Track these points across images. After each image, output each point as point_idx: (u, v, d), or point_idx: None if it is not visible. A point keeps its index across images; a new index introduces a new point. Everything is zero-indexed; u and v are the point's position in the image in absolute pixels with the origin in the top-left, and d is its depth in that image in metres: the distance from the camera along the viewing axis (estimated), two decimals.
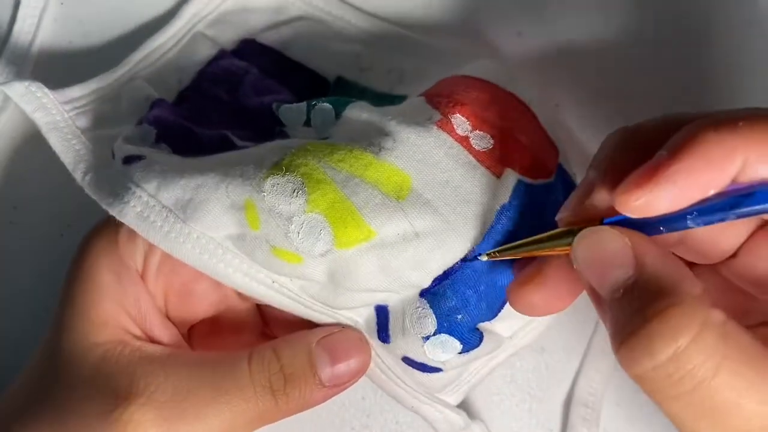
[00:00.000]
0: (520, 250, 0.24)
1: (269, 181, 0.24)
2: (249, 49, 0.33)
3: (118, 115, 0.31)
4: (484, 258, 0.24)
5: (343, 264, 0.24)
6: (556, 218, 0.23)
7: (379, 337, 0.27)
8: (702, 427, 0.18)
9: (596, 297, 0.20)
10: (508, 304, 0.26)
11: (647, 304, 0.18)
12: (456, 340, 0.26)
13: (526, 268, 0.23)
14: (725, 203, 0.19)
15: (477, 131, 0.26)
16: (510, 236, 0.25)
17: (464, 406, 0.32)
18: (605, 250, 0.20)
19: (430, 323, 0.25)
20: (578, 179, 0.30)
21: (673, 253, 0.21)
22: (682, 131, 0.19)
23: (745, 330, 0.18)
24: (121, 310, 0.25)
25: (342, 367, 0.25)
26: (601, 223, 0.21)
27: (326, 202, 0.24)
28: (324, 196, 0.24)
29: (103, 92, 0.31)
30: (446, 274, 0.25)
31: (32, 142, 0.34)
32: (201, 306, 0.27)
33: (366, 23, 0.34)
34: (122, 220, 0.25)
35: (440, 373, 0.27)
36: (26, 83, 0.29)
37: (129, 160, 0.26)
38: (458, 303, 0.25)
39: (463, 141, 0.26)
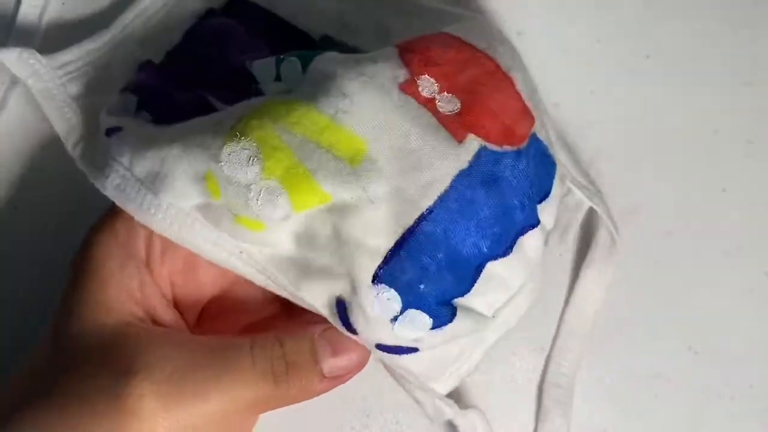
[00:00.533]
0: None
1: (225, 150, 0.24)
2: (237, 6, 0.32)
3: (110, 80, 0.31)
4: None
5: (303, 227, 0.25)
6: None
7: (347, 329, 0.26)
8: None
9: None
10: (483, 276, 0.26)
11: None
12: (425, 314, 0.25)
13: None
14: None
15: (445, 93, 0.25)
16: (468, 202, 0.25)
17: (462, 406, 0.32)
18: None
19: (395, 302, 0.25)
20: (557, 149, 0.30)
21: None
22: None
23: None
24: (126, 294, 0.26)
25: (343, 360, 0.26)
26: None
27: (281, 168, 0.24)
28: (279, 163, 0.24)
29: (94, 55, 0.31)
30: (400, 244, 0.24)
31: (32, 141, 0.33)
32: (206, 280, 0.28)
33: None
34: (104, 193, 0.26)
35: (419, 354, 0.27)
36: (18, 49, 0.29)
37: (110, 132, 0.27)
38: (417, 272, 0.24)
39: (428, 103, 0.25)
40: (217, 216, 0.25)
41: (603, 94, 0.34)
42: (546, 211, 0.28)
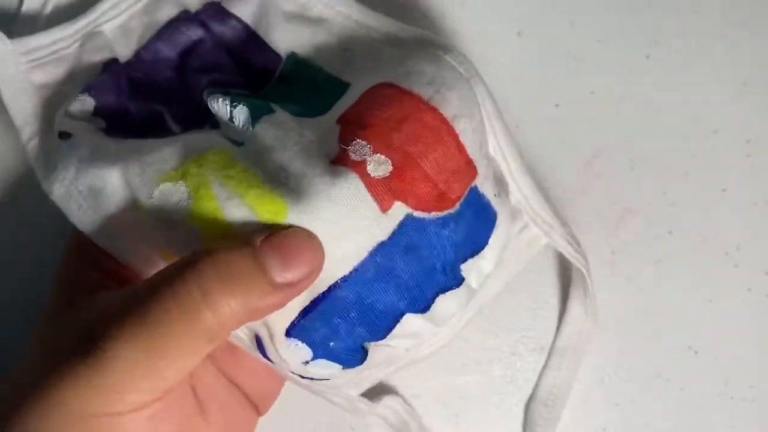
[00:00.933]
0: None
1: (160, 188, 0.25)
2: (212, 12, 0.32)
3: (75, 73, 0.31)
4: None
5: None
6: None
7: (264, 357, 0.27)
8: None
9: None
10: (399, 326, 0.26)
11: None
12: (334, 363, 0.26)
13: None
14: None
15: (377, 155, 0.25)
16: (386, 270, 0.25)
17: (462, 406, 0.32)
18: None
19: (305, 353, 0.26)
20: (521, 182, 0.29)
21: None
22: None
23: None
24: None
25: (294, 265, 0.23)
26: None
27: (205, 219, 0.24)
28: (203, 214, 0.24)
29: (62, 44, 0.31)
30: (313, 305, 0.25)
31: None
32: None
33: None
34: (50, 197, 0.27)
35: (331, 380, 0.28)
36: None
37: (62, 135, 0.27)
38: (328, 331, 0.25)
39: (358, 166, 0.24)
40: (149, 243, 0.26)
41: (603, 94, 0.34)
42: (477, 265, 0.28)
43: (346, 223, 0.24)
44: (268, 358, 0.27)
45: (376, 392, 0.31)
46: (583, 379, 0.33)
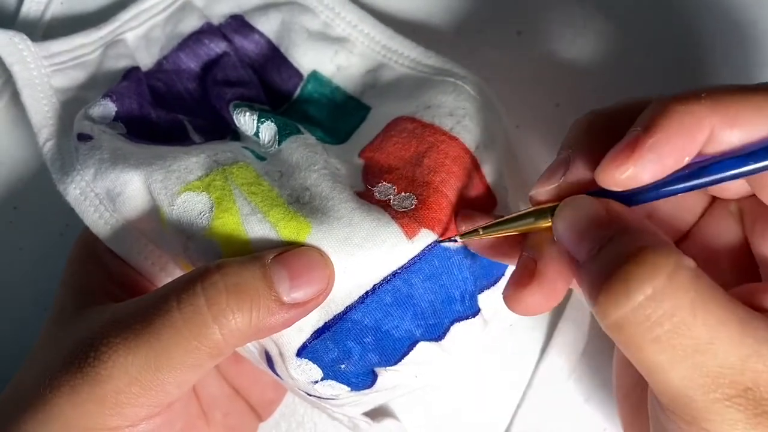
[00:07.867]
0: (495, 230, 0.23)
1: (182, 197, 0.25)
2: (235, 25, 0.32)
3: (96, 78, 0.31)
4: (457, 242, 0.24)
5: None
6: (529, 194, 0.23)
7: (273, 372, 0.27)
8: (679, 370, 0.18)
9: (575, 266, 0.21)
10: (413, 352, 0.26)
11: (624, 250, 0.19)
12: (343, 384, 0.26)
13: (515, 271, 0.23)
14: (686, 175, 0.21)
15: (401, 194, 0.25)
16: (405, 296, 0.25)
17: (462, 406, 0.32)
18: (585, 215, 0.21)
19: (316, 373, 0.25)
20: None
21: None
22: (650, 109, 0.20)
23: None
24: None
25: (302, 284, 0.23)
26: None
27: (225, 232, 0.24)
28: (224, 227, 0.24)
29: (85, 50, 0.31)
30: (326, 327, 0.25)
31: (32, 141, 0.33)
32: None
33: (353, 15, 0.32)
34: (65, 197, 0.27)
35: (335, 400, 0.27)
36: (11, 33, 0.29)
37: (81, 137, 0.27)
38: (340, 354, 0.25)
39: (381, 202, 0.25)
40: (166, 245, 0.26)
41: (603, 93, 0.34)
42: (492, 296, 0.27)
43: (369, 247, 0.24)
44: (277, 374, 0.26)
45: (378, 410, 0.31)
46: (583, 379, 0.33)
